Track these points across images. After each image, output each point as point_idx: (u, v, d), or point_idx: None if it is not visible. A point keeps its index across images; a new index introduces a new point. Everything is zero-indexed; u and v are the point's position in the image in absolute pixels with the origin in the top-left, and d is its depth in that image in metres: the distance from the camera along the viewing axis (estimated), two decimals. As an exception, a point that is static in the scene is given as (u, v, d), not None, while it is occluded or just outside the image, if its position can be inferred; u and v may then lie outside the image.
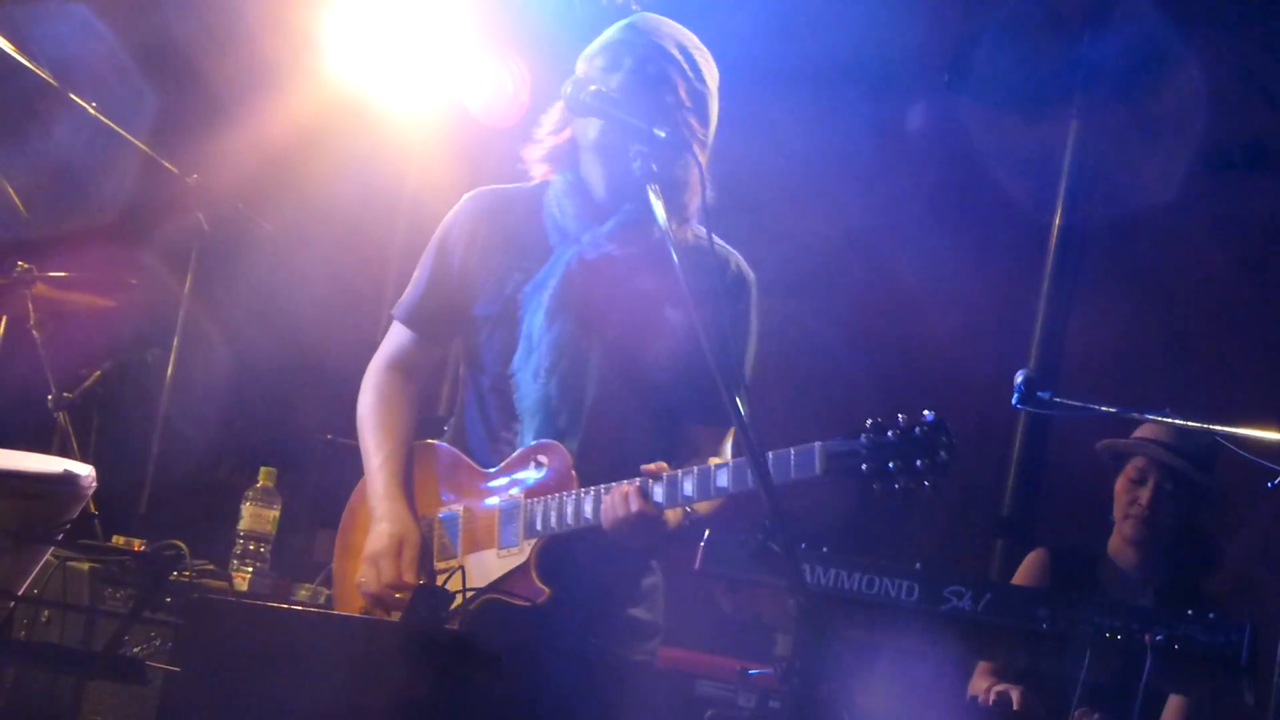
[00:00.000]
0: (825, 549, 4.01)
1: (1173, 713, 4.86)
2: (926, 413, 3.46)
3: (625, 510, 3.65)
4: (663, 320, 3.89)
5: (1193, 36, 6.44)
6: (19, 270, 5.88)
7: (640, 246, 3.86)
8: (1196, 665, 3.90)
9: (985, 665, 5.09)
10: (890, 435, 3.45)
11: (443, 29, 6.23)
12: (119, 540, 5.10)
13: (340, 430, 5.84)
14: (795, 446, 3.52)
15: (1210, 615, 3.89)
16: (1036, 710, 4.73)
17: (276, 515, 5.09)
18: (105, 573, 4.82)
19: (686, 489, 3.64)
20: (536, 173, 4.02)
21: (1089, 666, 3.91)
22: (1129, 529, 5.19)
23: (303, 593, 4.94)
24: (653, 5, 6.27)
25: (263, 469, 5.24)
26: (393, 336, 4.15)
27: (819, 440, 3.51)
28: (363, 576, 3.88)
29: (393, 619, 3.80)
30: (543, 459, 3.82)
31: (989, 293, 6.66)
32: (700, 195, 3.81)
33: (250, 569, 5.03)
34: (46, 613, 4.71)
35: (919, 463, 3.41)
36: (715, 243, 3.84)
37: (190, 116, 6.67)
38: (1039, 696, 4.74)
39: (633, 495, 3.65)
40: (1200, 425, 4.20)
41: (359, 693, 3.21)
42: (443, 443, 4.04)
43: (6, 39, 5.84)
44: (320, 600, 4.85)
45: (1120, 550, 5.24)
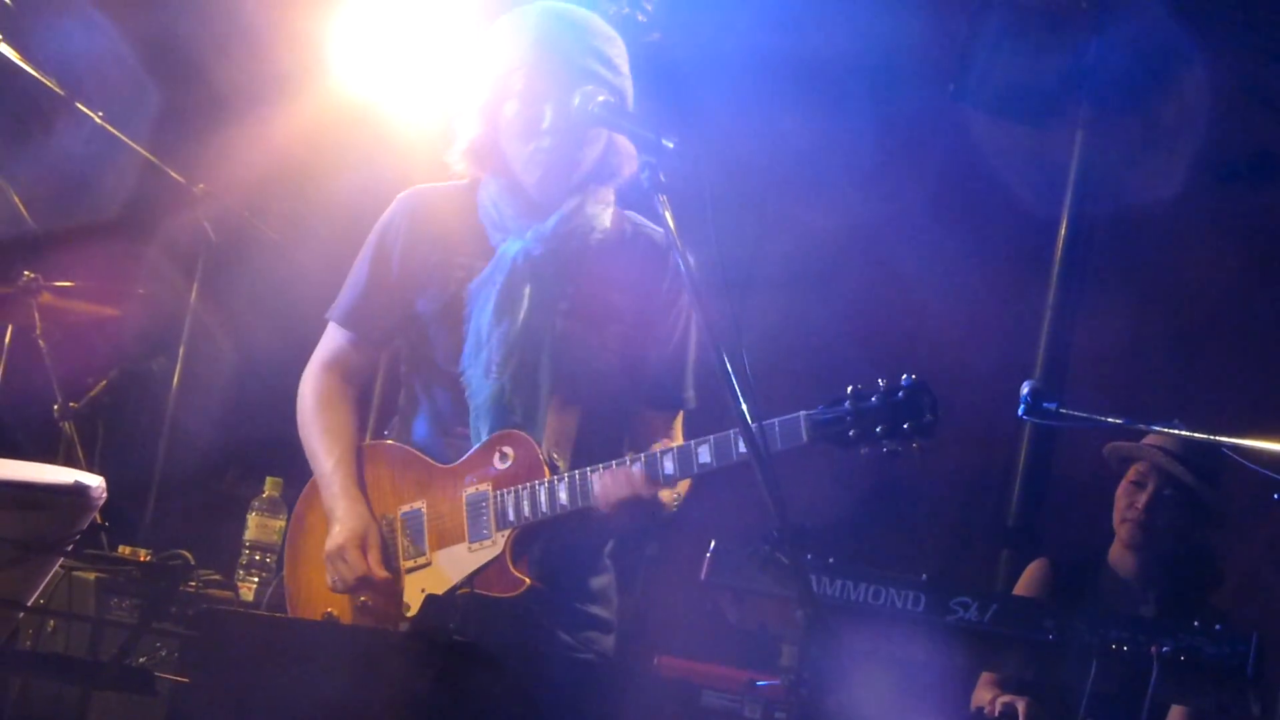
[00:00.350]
0: (832, 560, 4.01)
1: (1176, 723, 4.87)
2: (907, 376, 3.53)
3: (630, 490, 3.67)
4: (610, 309, 3.94)
5: (1198, 43, 6.44)
6: (25, 279, 5.88)
7: (583, 241, 3.93)
8: (1203, 676, 3.89)
9: (988, 676, 5.09)
10: (874, 400, 3.51)
11: (448, 36, 6.23)
12: (125, 550, 5.12)
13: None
14: (779, 417, 3.55)
15: (1217, 626, 3.89)
16: (1042, 721, 4.73)
17: (282, 525, 5.09)
18: (112, 583, 4.84)
19: (702, 456, 3.64)
20: (460, 170, 4.05)
21: (1095, 677, 3.90)
22: (1125, 533, 5.18)
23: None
24: (659, 10, 6.30)
25: (268, 479, 5.25)
26: (329, 340, 4.11)
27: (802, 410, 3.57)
28: (331, 575, 3.84)
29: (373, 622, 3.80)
30: (507, 450, 3.83)
31: (995, 298, 6.65)
32: (631, 165, 3.85)
33: (256, 579, 5.04)
34: (52, 622, 4.72)
35: (905, 425, 3.48)
36: (650, 225, 3.98)
37: (196, 125, 6.67)
38: (1044, 707, 4.74)
39: (638, 475, 3.67)
40: (1207, 437, 4.19)
41: (366, 703, 3.22)
42: (392, 441, 4.01)
43: (14, 48, 5.85)
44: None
45: (1119, 557, 5.23)
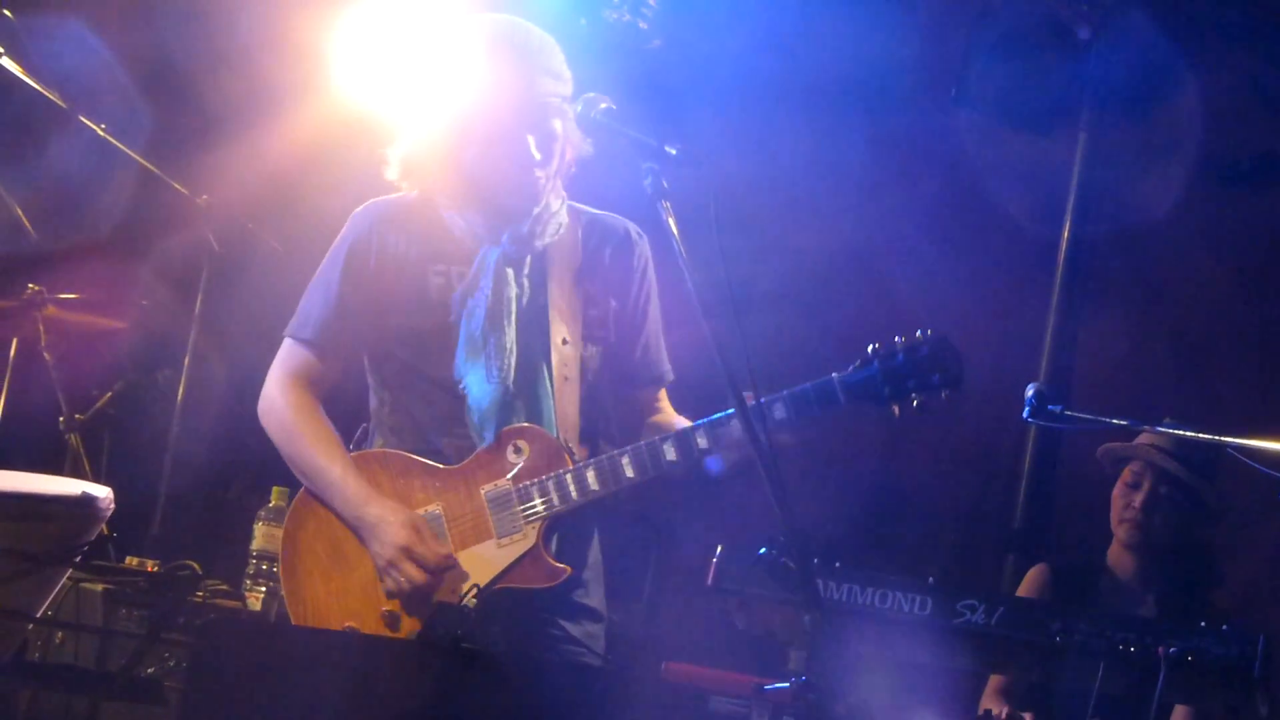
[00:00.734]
0: (838, 564, 4.01)
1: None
2: (923, 331, 3.67)
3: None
4: (588, 297, 4.03)
5: (1198, 51, 6.45)
6: (30, 292, 5.89)
7: (554, 236, 4.03)
8: (1210, 677, 3.89)
9: (996, 681, 5.09)
10: (901, 358, 3.66)
11: (447, 46, 6.24)
12: (132, 561, 5.12)
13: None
14: (811, 381, 3.71)
15: (1224, 627, 3.89)
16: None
17: (289, 534, 5.10)
18: (119, 594, 4.84)
19: (735, 432, 3.73)
20: (407, 186, 4.09)
21: (1102, 679, 3.90)
22: (1123, 533, 5.19)
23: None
24: (656, 23, 6.31)
25: (275, 489, 5.25)
26: (290, 357, 4.06)
27: (834, 372, 3.72)
28: (398, 577, 3.80)
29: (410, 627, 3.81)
30: (521, 444, 3.86)
31: (998, 307, 6.65)
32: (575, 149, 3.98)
33: (263, 588, 5.04)
34: (60, 634, 4.72)
35: (935, 378, 3.64)
36: (600, 212, 4.13)
37: (199, 137, 6.68)
38: (1051, 710, 4.74)
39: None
40: (1209, 436, 4.20)
41: (374, 712, 3.22)
42: (380, 448, 3.99)
43: (16, 61, 5.86)
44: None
45: (1118, 559, 5.23)
